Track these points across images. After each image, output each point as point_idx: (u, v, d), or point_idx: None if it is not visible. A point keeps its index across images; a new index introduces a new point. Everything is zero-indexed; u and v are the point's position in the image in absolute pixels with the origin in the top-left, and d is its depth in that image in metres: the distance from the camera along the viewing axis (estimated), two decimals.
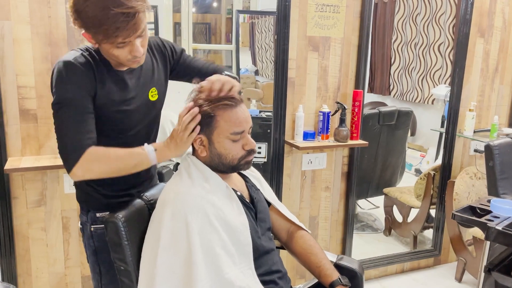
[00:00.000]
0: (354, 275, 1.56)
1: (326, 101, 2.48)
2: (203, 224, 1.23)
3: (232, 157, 1.34)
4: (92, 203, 1.50)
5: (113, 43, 1.26)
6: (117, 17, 1.20)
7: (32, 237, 2.03)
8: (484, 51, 2.86)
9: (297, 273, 2.63)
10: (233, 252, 1.26)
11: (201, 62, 1.67)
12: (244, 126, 1.33)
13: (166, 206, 1.27)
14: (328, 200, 2.65)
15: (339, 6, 2.40)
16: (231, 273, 1.23)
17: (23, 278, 2.05)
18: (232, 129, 1.31)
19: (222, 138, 1.32)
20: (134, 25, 1.23)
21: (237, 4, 4.95)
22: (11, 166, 1.83)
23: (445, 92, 3.51)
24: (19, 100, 1.88)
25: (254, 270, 1.31)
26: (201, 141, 1.34)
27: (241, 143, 1.34)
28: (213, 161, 1.36)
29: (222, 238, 1.25)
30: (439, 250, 3.04)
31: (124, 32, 1.23)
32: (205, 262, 1.20)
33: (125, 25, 1.21)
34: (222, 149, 1.33)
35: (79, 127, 1.29)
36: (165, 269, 1.22)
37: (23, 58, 1.86)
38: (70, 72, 1.30)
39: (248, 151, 1.36)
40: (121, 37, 1.24)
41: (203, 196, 1.28)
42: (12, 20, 1.82)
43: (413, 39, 4.42)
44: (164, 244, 1.23)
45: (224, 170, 1.37)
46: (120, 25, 1.21)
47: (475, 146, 2.94)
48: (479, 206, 1.75)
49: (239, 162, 1.36)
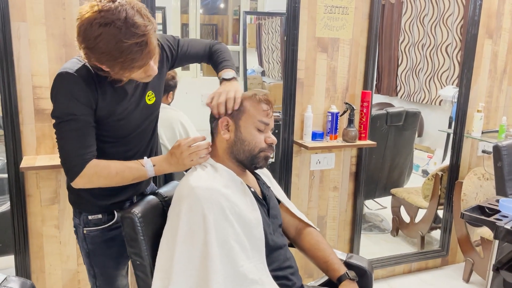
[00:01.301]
0: (364, 273, 1.58)
1: (334, 102, 2.50)
2: (219, 218, 1.26)
3: (255, 144, 1.39)
4: (85, 206, 1.52)
5: (130, 71, 1.25)
6: (131, 48, 1.17)
7: (46, 235, 2.06)
8: (493, 52, 2.87)
9: (305, 272, 2.65)
10: (246, 246, 1.29)
11: (199, 45, 1.64)
12: (270, 121, 1.41)
13: (183, 200, 1.30)
14: (336, 200, 2.67)
15: (348, 8, 2.42)
16: (245, 266, 1.26)
17: (37, 274, 2.08)
18: (260, 117, 1.38)
19: (249, 124, 1.38)
20: (148, 52, 1.22)
21: (244, 5, 4.97)
22: (26, 164, 1.86)
23: (452, 93, 3.52)
24: (34, 100, 1.92)
25: (266, 265, 1.34)
26: (227, 124, 1.39)
27: (264, 135, 1.40)
28: (235, 145, 1.39)
29: (237, 232, 1.28)
30: (446, 251, 3.04)
31: (140, 61, 1.22)
32: (221, 255, 1.23)
33: (139, 55, 1.20)
34: (248, 135, 1.38)
35: (80, 142, 1.31)
36: (183, 261, 1.24)
37: (38, 58, 1.89)
38: (71, 86, 1.28)
39: (269, 144, 1.41)
40: (138, 66, 1.23)
41: (218, 190, 1.30)
42: (28, 22, 1.85)
43: (420, 40, 4.43)
44: (181, 236, 1.26)
45: (241, 159, 1.40)
46: (135, 56, 1.19)
47: (483, 147, 2.95)
48: (487, 205, 1.76)
49: (259, 153, 1.40)
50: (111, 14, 1.16)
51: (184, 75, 4.68)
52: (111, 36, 1.16)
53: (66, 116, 1.29)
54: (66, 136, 1.31)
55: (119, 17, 1.16)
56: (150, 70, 1.29)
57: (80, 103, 1.29)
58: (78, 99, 1.29)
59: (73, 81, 1.28)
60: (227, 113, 1.39)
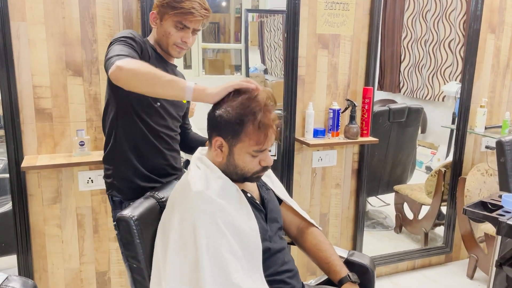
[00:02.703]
0: (366, 270, 1.57)
1: (336, 99, 2.49)
2: (211, 229, 1.23)
3: (248, 170, 1.33)
4: (126, 190, 1.61)
5: (176, 22, 1.54)
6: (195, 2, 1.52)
7: (48, 234, 2.07)
8: (495, 47, 2.85)
9: (308, 270, 2.65)
10: (241, 257, 1.25)
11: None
12: (268, 145, 1.31)
13: (175, 209, 1.29)
14: (338, 197, 2.66)
15: (349, 4, 2.41)
16: (239, 278, 1.22)
17: (40, 274, 2.09)
18: (257, 147, 1.29)
19: (243, 152, 1.30)
20: (198, 19, 1.55)
21: (246, 3, 4.96)
22: (27, 164, 1.87)
23: (455, 89, 3.49)
24: (34, 100, 1.92)
25: (262, 274, 1.31)
26: (221, 145, 1.31)
27: (258, 158, 1.33)
28: (228, 169, 1.34)
29: (230, 243, 1.24)
30: (450, 247, 3.03)
31: (193, 15, 1.52)
32: (212, 266, 1.20)
33: (196, 10, 1.52)
34: (240, 162, 1.32)
35: (127, 48, 1.46)
36: (174, 272, 1.23)
37: (38, 58, 1.90)
38: (134, 37, 1.52)
39: (264, 167, 1.35)
40: (188, 18, 1.53)
41: (212, 200, 1.26)
42: (27, 21, 1.86)
43: (423, 36, 4.40)
44: (172, 247, 1.24)
45: (235, 179, 1.36)
46: (194, 5, 1.52)
47: (487, 143, 2.93)
48: (490, 201, 1.75)
49: (252, 175, 1.36)
50: None
51: (187, 74, 4.64)
52: None
53: (121, 38, 1.50)
54: (116, 45, 1.46)
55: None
56: (187, 37, 1.57)
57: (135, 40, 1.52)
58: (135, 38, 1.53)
59: (132, 37, 1.53)
60: (224, 129, 1.30)
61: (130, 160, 1.62)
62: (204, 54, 4.97)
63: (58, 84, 1.94)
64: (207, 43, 4.99)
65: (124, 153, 1.62)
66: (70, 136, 2.00)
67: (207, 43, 5.07)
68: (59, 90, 1.95)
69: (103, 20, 1.96)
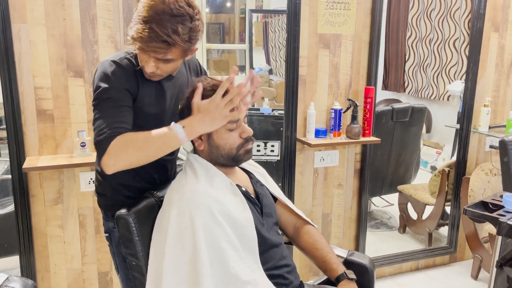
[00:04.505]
0: (365, 270, 1.56)
1: (337, 98, 2.48)
2: (208, 221, 1.25)
3: (230, 146, 1.35)
4: (117, 207, 1.44)
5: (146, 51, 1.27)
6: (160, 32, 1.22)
7: (50, 234, 2.08)
8: (499, 46, 2.82)
9: (310, 270, 2.64)
10: (238, 247, 1.28)
11: None
12: (239, 114, 1.29)
13: (172, 205, 1.30)
14: (341, 197, 2.65)
15: (350, 3, 2.40)
16: (237, 267, 1.24)
17: (42, 274, 2.10)
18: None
19: (219, 130, 1.32)
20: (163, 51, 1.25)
21: (250, 3, 4.97)
22: (29, 165, 1.88)
23: (460, 88, 3.46)
24: (36, 101, 1.94)
25: (260, 264, 1.32)
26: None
27: (238, 132, 1.35)
28: (212, 153, 1.37)
29: (227, 233, 1.26)
30: (454, 248, 3.01)
31: (150, 45, 1.24)
32: (210, 257, 1.22)
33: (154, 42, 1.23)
34: (220, 140, 1.34)
35: (114, 115, 1.27)
36: (172, 265, 1.24)
37: (39, 59, 1.91)
38: (114, 72, 1.30)
39: (246, 138, 1.37)
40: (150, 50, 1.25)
41: (207, 193, 1.29)
42: (28, 23, 1.87)
43: (427, 35, 4.38)
44: (170, 241, 1.26)
45: (224, 163, 1.38)
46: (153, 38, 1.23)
47: (491, 142, 2.91)
48: (491, 201, 1.74)
49: (238, 152, 1.37)
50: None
51: None
52: (165, 13, 1.23)
53: (105, 96, 1.28)
54: (102, 111, 1.28)
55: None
56: (148, 67, 1.30)
57: (121, 88, 1.30)
58: (120, 84, 1.30)
59: (116, 67, 1.31)
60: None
61: (121, 191, 1.50)
62: (208, 55, 4.99)
63: (59, 85, 1.95)
64: (211, 44, 5.00)
65: (114, 177, 1.40)
66: (71, 137, 2.01)
67: (212, 43, 5.08)
68: (60, 91, 1.96)
69: (103, 21, 1.97)
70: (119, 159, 1.23)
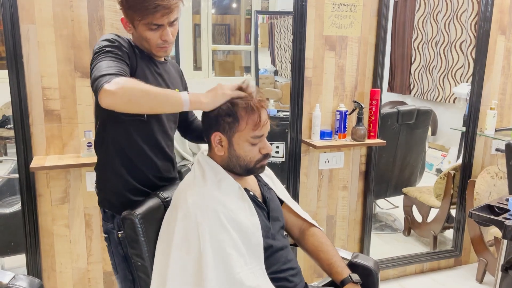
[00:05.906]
0: (369, 273, 1.56)
1: (343, 100, 2.49)
2: (214, 225, 1.25)
3: (250, 159, 1.37)
4: (117, 204, 1.48)
5: (148, 24, 1.38)
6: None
7: (56, 234, 2.10)
8: (506, 49, 2.81)
9: (314, 272, 2.64)
10: (243, 252, 1.28)
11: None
12: (264, 130, 1.36)
13: (179, 207, 1.31)
14: (345, 199, 2.65)
15: (356, 5, 2.40)
16: (242, 273, 1.24)
17: (48, 273, 2.12)
18: (254, 133, 1.33)
19: (242, 141, 1.34)
20: (169, 11, 1.37)
21: (256, 4, 4.98)
22: (36, 164, 1.89)
23: (466, 90, 3.45)
24: (43, 101, 1.95)
25: (264, 270, 1.32)
26: (220, 140, 1.35)
27: (258, 147, 1.37)
28: (231, 162, 1.38)
29: (233, 238, 1.27)
30: (459, 251, 3.00)
31: (160, 11, 1.35)
32: (215, 262, 1.22)
33: (161, 5, 1.35)
34: (241, 151, 1.36)
35: (116, 64, 1.30)
36: (177, 268, 1.24)
37: (47, 60, 1.92)
38: (116, 39, 1.39)
39: (264, 155, 1.38)
40: (157, 16, 1.36)
41: (214, 197, 1.30)
42: (36, 24, 1.88)
43: (434, 37, 4.37)
44: (176, 244, 1.26)
45: (239, 172, 1.40)
46: (160, 3, 1.34)
47: (497, 145, 2.89)
48: (497, 204, 1.73)
49: (255, 166, 1.39)
50: None
51: (196, 76, 4.71)
52: None
53: (105, 48, 1.34)
54: (102, 59, 1.31)
55: None
56: (166, 34, 1.41)
57: (120, 46, 1.38)
58: (120, 44, 1.39)
59: (118, 38, 1.41)
60: (220, 124, 1.34)
61: (121, 175, 1.49)
62: (214, 56, 5.00)
63: (67, 85, 1.97)
64: (217, 45, 5.02)
65: (115, 167, 1.49)
66: (78, 137, 2.03)
67: (217, 44, 5.10)
68: (68, 91, 1.97)
69: (111, 22, 1.98)
70: (122, 89, 1.21)
